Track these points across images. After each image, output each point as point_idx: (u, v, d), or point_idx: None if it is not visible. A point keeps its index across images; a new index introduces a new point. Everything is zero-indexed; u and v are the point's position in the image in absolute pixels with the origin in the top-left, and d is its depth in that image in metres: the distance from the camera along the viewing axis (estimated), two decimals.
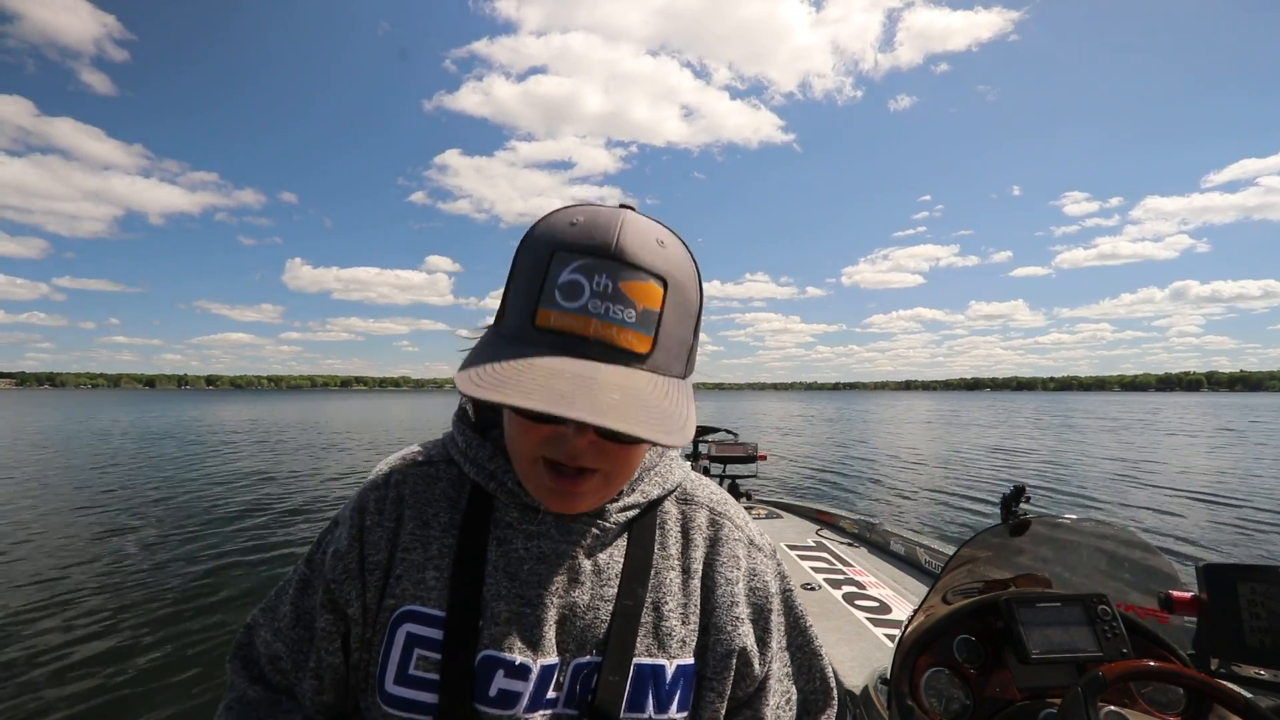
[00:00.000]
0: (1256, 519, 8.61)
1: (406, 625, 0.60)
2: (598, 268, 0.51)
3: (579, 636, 0.61)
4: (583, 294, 0.51)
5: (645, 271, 0.52)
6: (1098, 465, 14.40)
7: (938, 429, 27.95)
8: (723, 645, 0.65)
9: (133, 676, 3.68)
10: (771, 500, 4.86)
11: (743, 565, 0.70)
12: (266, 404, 64.43)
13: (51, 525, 7.53)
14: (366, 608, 0.63)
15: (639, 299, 0.52)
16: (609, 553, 0.65)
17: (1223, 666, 1.04)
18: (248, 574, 5.74)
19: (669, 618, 0.64)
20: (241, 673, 0.69)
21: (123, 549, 6.46)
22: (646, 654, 0.62)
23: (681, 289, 0.55)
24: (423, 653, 0.59)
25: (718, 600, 0.67)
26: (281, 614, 0.68)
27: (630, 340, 0.51)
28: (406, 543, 0.63)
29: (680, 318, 0.55)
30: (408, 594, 0.61)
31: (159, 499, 9.31)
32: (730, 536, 0.70)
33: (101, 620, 4.53)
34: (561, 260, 0.52)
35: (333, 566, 0.65)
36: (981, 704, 1.12)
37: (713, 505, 0.72)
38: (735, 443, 4.64)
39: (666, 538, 0.68)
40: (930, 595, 1.30)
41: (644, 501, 0.67)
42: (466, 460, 0.66)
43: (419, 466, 0.68)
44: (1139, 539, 1.34)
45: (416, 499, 0.66)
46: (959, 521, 8.36)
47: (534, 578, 0.61)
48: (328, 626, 0.64)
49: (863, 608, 2.56)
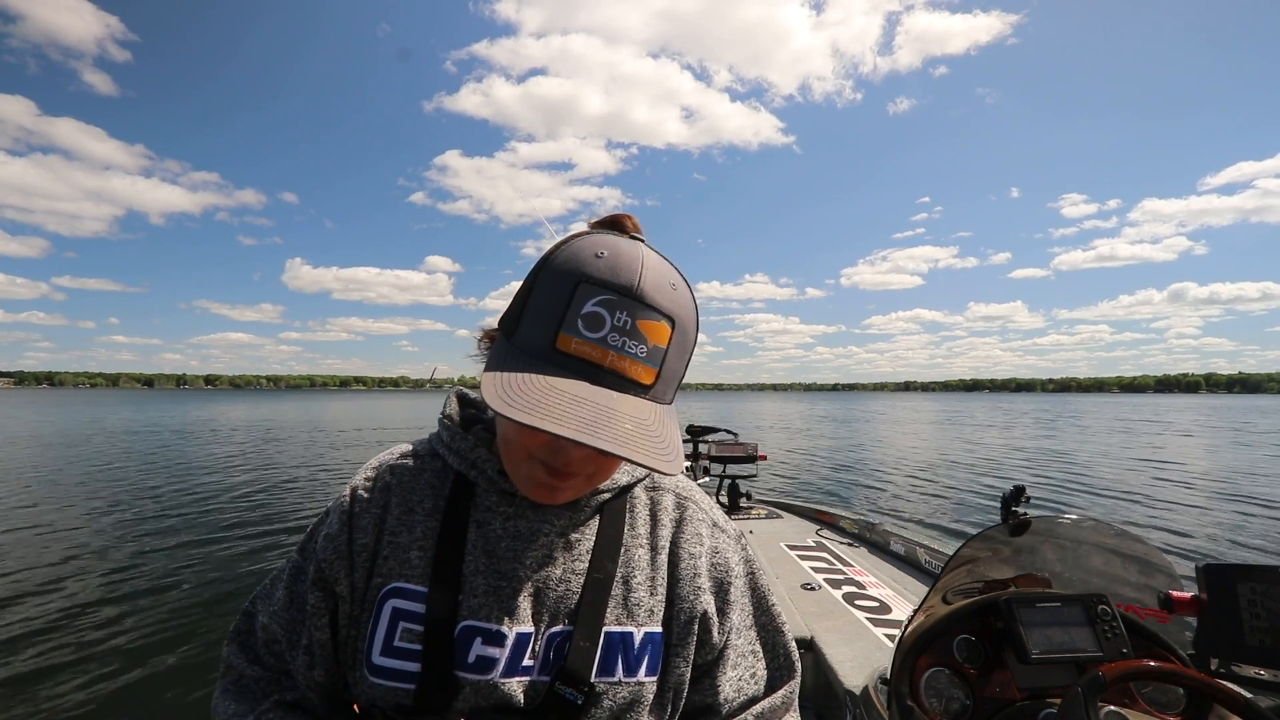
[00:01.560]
0: (1257, 519, 8.61)
1: (392, 601, 0.65)
2: (620, 305, 0.56)
3: (552, 607, 0.66)
4: (604, 327, 0.56)
5: (659, 312, 0.58)
6: (1098, 465, 14.40)
7: (937, 429, 27.95)
8: (685, 613, 0.71)
9: (129, 672, 3.68)
10: (771, 500, 4.86)
11: (705, 543, 0.76)
12: (265, 403, 64.34)
13: (41, 523, 7.53)
14: (355, 587, 0.68)
15: (650, 337, 0.57)
16: (581, 531, 0.71)
17: (1223, 666, 1.04)
18: (238, 567, 5.74)
19: (637, 590, 0.69)
20: (239, 654, 0.75)
21: (114, 545, 6.46)
22: (616, 623, 0.67)
23: (684, 329, 0.61)
24: (407, 625, 0.64)
25: (681, 572, 0.72)
26: (276, 598, 0.74)
27: (639, 373, 0.57)
28: (393, 526, 0.69)
29: (679, 354, 0.61)
30: (394, 572, 0.66)
31: (151, 497, 9.31)
32: (694, 517, 0.77)
33: (99, 617, 4.53)
34: (586, 292, 0.56)
35: (324, 548, 0.70)
36: (981, 704, 1.12)
37: (678, 491, 0.79)
38: (735, 443, 4.64)
39: (635, 519, 0.74)
40: (930, 595, 1.30)
41: (614, 488, 0.73)
42: (451, 452, 0.72)
43: (406, 459, 0.75)
44: (1139, 539, 1.34)
45: (402, 487, 0.72)
46: (959, 521, 8.36)
47: (510, 553, 0.67)
48: (317, 604, 0.69)
49: (863, 608, 2.56)
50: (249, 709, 0.70)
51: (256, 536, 7.11)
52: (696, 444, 4.66)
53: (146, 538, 6.95)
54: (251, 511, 8.48)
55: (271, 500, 9.34)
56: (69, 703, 3.39)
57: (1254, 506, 9.48)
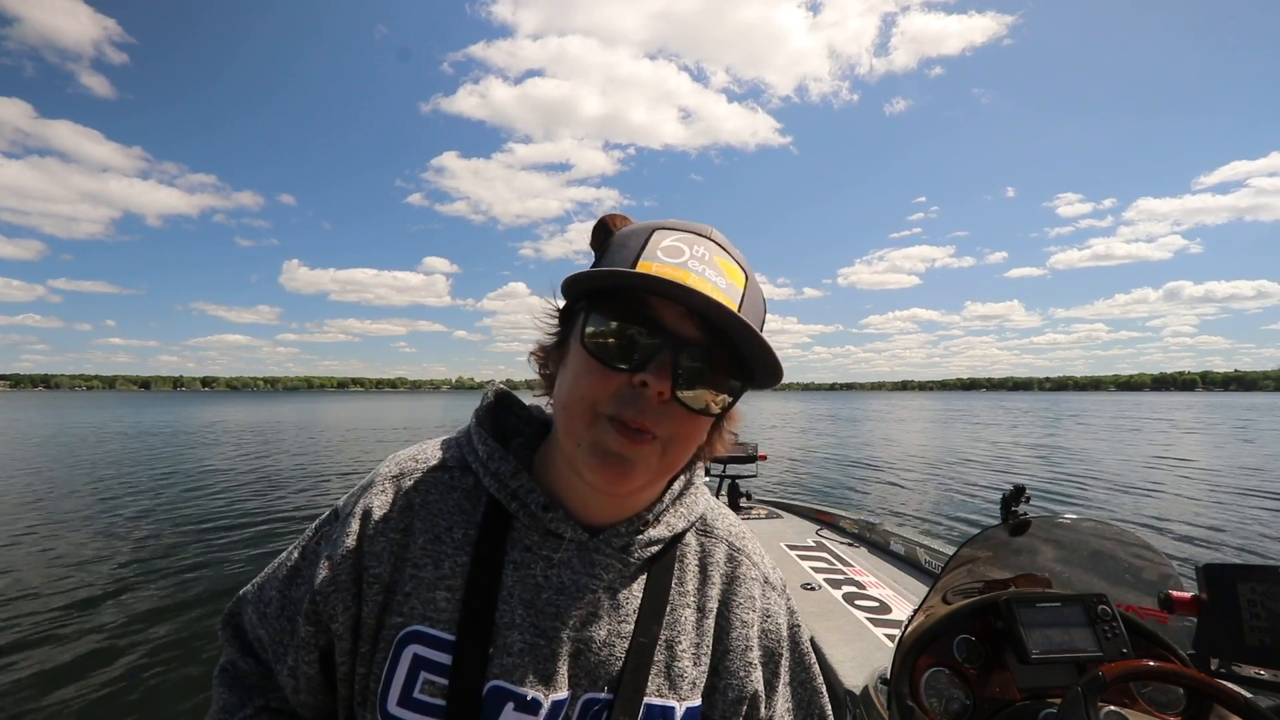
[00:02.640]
0: (1257, 518, 8.60)
1: (413, 646, 0.57)
2: (697, 242, 0.56)
3: (592, 672, 0.59)
4: (684, 255, 0.54)
5: (733, 259, 0.57)
6: (1098, 465, 14.40)
7: (936, 429, 27.95)
8: (734, 690, 0.64)
9: (125, 672, 3.68)
10: (771, 500, 4.86)
11: (758, 606, 0.69)
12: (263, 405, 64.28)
13: (35, 526, 7.53)
14: (362, 622, 0.59)
15: (728, 275, 0.55)
16: (629, 587, 0.63)
17: (1223, 666, 1.04)
18: (234, 567, 5.74)
19: (681, 658, 0.62)
20: (233, 641, 0.70)
21: (115, 546, 6.46)
22: (657, 694, 0.60)
23: (756, 290, 0.58)
24: (429, 677, 0.56)
25: (732, 643, 0.66)
26: (269, 598, 0.66)
27: (723, 298, 0.52)
28: (416, 558, 0.60)
29: (754, 305, 0.57)
30: (416, 613, 0.58)
31: (151, 495, 9.31)
32: (748, 575, 0.69)
33: (94, 617, 4.53)
34: (664, 234, 0.56)
35: (323, 580, 0.61)
36: (981, 704, 1.12)
37: (731, 540, 0.71)
38: (735, 443, 4.62)
39: (685, 573, 0.67)
40: (930, 595, 1.30)
41: (668, 535, 0.65)
42: (487, 473, 0.62)
43: (433, 472, 0.64)
44: (1139, 539, 1.34)
45: (428, 509, 0.62)
46: (959, 521, 8.36)
47: (551, 608, 0.59)
48: (307, 637, 0.61)
49: (863, 608, 2.56)
50: (239, 703, 0.66)
51: (255, 540, 7.10)
52: None
53: (145, 539, 6.95)
54: (252, 511, 8.47)
55: (271, 500, 9.34)
56: (68, 707, 3.39)
57: (1254, 506, 9.48)
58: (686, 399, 0.53)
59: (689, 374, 0.53)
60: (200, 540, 6.86)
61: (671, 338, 0.52)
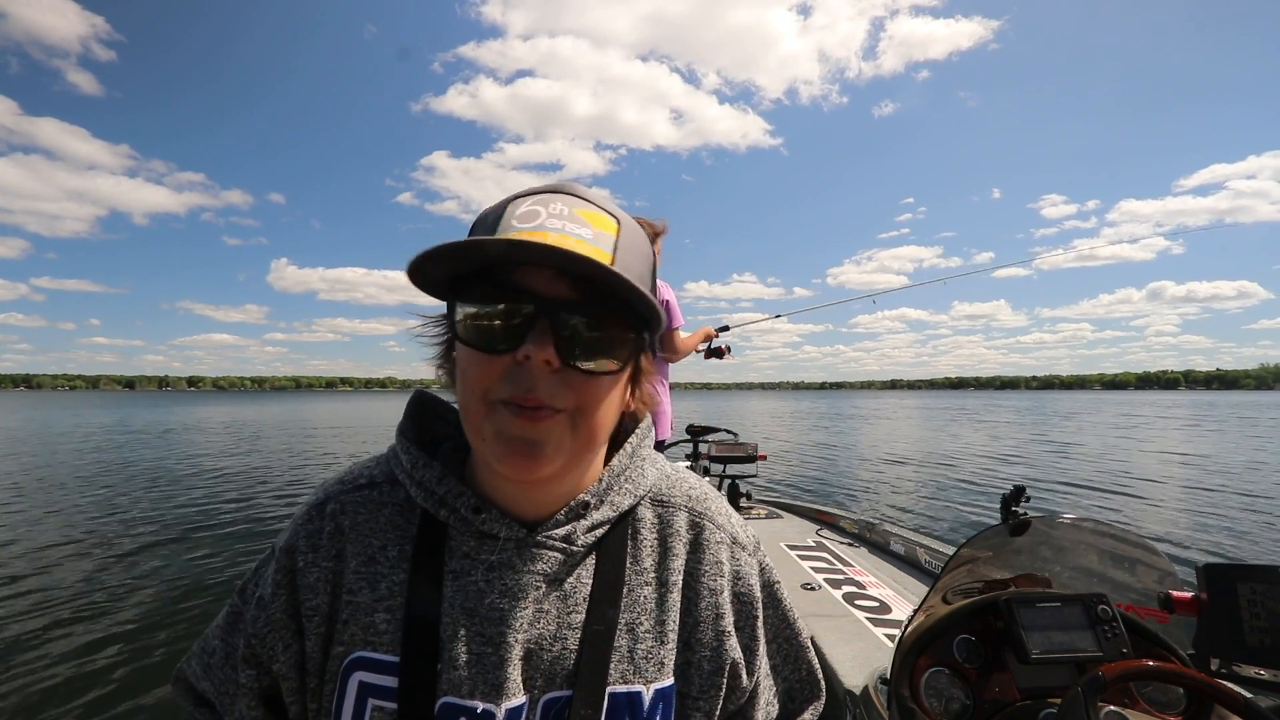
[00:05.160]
0: (1257, 518, 8.60)
1: (358, 674, 0.54)
2: (554, 199, 0.52)
3: (547, 670, 0.56)
4: (540, 216, 0.51)
5: (599, 207, 0.54)
6: (1097, 465, 14.39)
7: (935, 428, 27.95)
8: (709, 663, 0.61)
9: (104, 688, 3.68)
10: (771, 500, 4.86)
11: (726, 571, 0.65)
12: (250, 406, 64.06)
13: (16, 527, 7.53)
14: (308, 656, 0.57)
15: (595, 224, 0.52)
16: (576, 574, 0.59)
17: (1223, 666, 1.04)
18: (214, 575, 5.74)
19: (645, 639, 0.59)
20: (185, 696, 0.67)
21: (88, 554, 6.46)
22: (621, 680, 0.57)
23: (633, 233, 0.55)
24: (377, 703, 0.53)
25: (701, 614, 0.62)
26: (212, 648, 0.64)
27: (586, 248, 0.50)
28: (351, 583, 0.57)
29: (633, 250, 0.54)
30: (357, 639, 0.55)
31: (125, 500, 9.31)
32: (712, 540, 0.65)
33: (76, 628, 4.53)
34: (519, 201, 0.53)
35: (254, 618, 0.59)
36: (981, 704, 1.12)
37: (691, 505, 0.66)
38: (735, 443, 4.63)
39: (640, 549, 0.62)
40: (930, 595, 1.30)
41: (613, 515, 0.61)
42: (413, 483, 0.59)
43: (359, 491, 0.61)
44: (1139, 539, 1.34)
45: (358, 530, 0.59)
46: (959, 521, 8.35)
47: (495, 614, 0.55)
48: (248, 682, 0.59)
49: (863, 608, 2.56)
50: None
51: (237, 539, 7.10)
52: (696, 444, 4.67)
53: (127, 547, 6.95)
54: (234, 514, 8.47)
55: (258, 503, 9.34)
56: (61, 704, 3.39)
57: (1255, 506, 9.48)
58: (578, 363, 0.51)
59: (574, 336, 0.50)
60: (172, 545, 6.85)
61: (547, 303, 0.49)
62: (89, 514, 8.19)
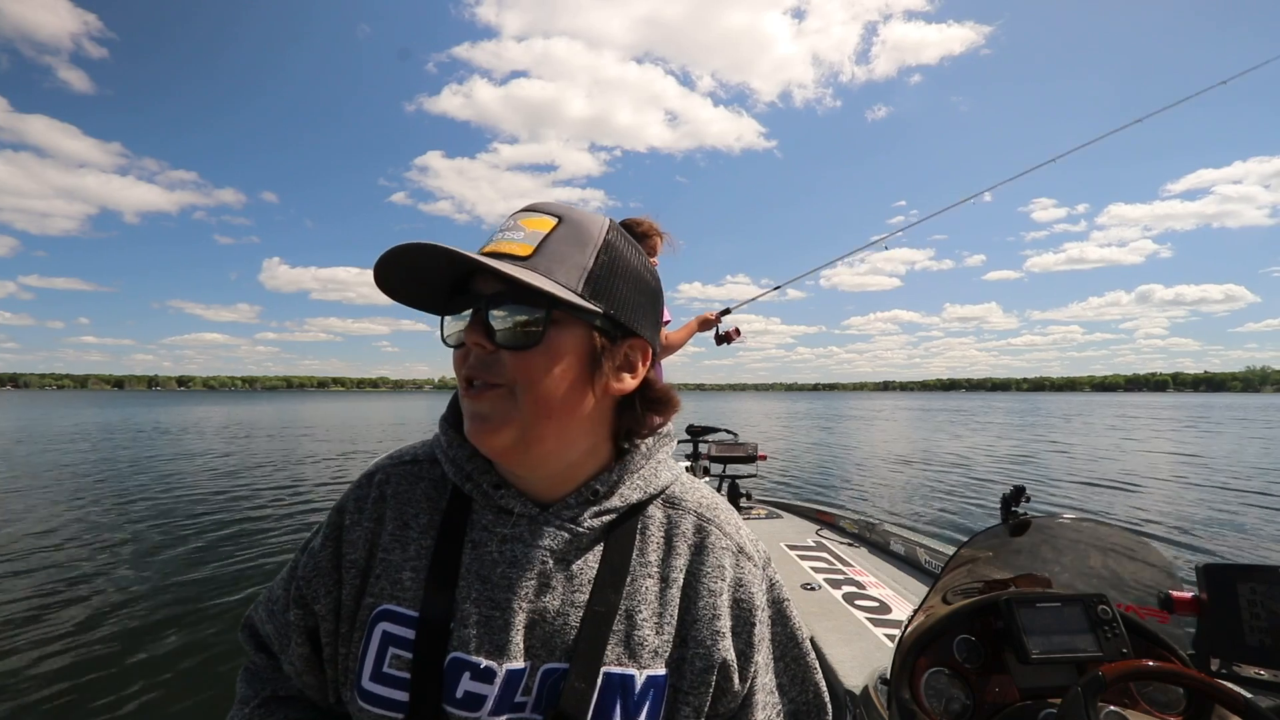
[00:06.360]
0: (1257, 518, 8.61)
1: (383, 624, 0.62)
2: (514, 215, 0.63)
3: (548, 642, 0.61)
4: (498, 234, 0.62)
5: (545, 212, 0.63)
6: (1097, 465, 14.40)
7: (934, 429, 27.97)
8: (701, 659, 0.63)
9: (126, 679, 3.68)
10: (771, 500, 4.86)
11: (728, 575, 0.67)
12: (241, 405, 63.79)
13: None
14: (342, 604, 0.65)
15: (530, 227, 0.61)
16: (584, 558, 0.64)
17: (1223, 667, 1.04)
18: (227, 574, 5.74)
19: (642, 627, 0.63)
20: (249, 642, 0.76)
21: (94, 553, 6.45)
22: (616, 662, 0.61)
23: (578, 225, 0.62)
24: (397, 651, 0.61)
25: (699, 612, 0.65)
26: (275, 596, 0.73)
27: (513, 248, 0.59)
28: (386, 543, 0.66)
29: (570, 240, 0.61)
30: (385, 593, 0.63)
31: (125, 498, 9.29)
32: (717, 545, 0.68)
33: (83, 623, 4.53)
34: None
35: (305, 564, 0.69)
36: (981, 704, 1.12)
37: (700, 511, 0.70)
38: (735, 443, 4.63)
39: (647, 544, 0.67)
40: (930, 595, 1.30)
41: (622, 505, 0.66)
42: (447, 460, 0.68)
43: (403, 465, 0.71)
44: (1139, 539, 1.34)
45: (398, 499, 0.68)
46: (959, 521, 8.36)
47: (504, 581, 0.62)
48: (296, 620, 0.68)
49: (863, 608, 2.56)
50: (252, 694, 0.72)
51: (239, 549, 7.09)
52: (696, 444, 4.66)
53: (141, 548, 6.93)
54: (225, 516, 8.46)
55: (254, 503, 9.32)
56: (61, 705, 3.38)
57: (1255, 506, 9.49)
58: (503, 340, 0.59)
59: (497, 321, 0.59)
60: (179, 546, 6.84)
61: (479, 299, 0.59)
62: (69, 514, 8.18)
